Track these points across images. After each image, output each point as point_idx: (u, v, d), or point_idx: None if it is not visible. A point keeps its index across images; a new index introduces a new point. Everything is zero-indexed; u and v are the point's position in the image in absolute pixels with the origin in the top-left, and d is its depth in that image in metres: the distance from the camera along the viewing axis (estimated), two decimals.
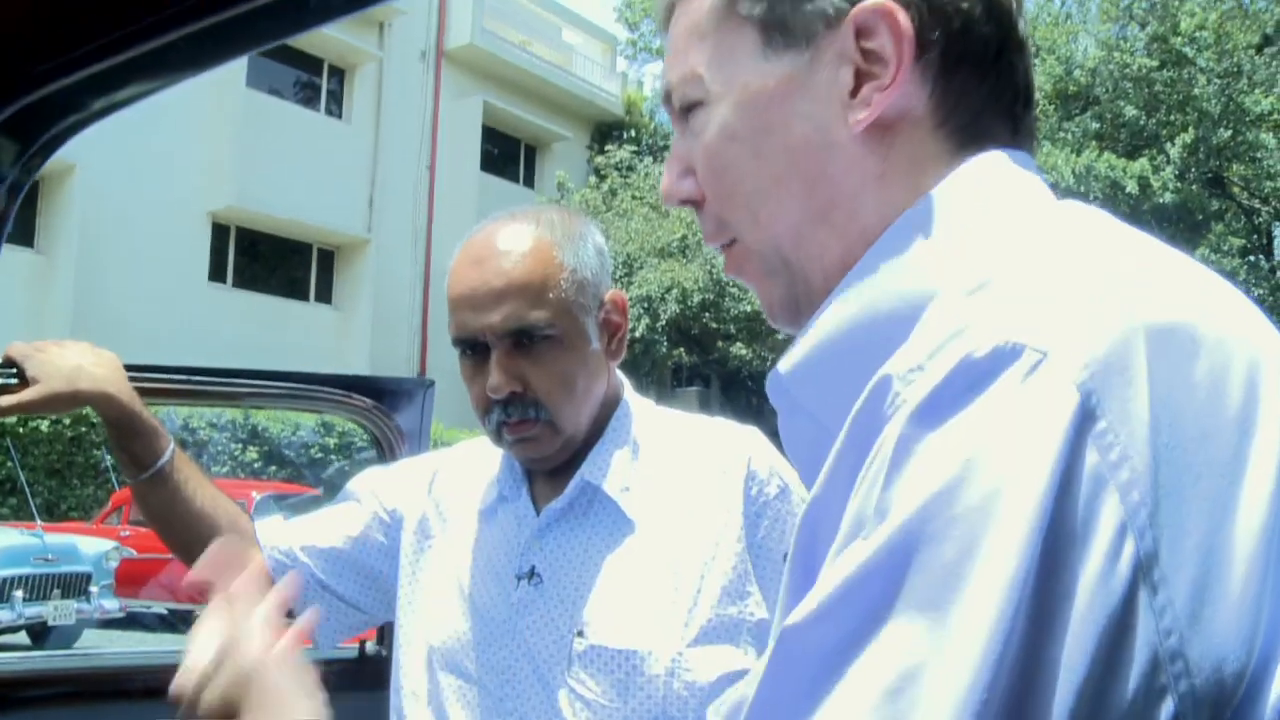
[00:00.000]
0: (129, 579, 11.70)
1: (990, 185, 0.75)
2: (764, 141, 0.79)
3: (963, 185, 0.75)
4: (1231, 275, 20.29)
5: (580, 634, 1.41)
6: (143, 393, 1.67)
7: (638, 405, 1.57)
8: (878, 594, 0.57)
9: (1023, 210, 0.74)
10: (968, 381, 0.59)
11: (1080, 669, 0.55)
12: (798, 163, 0.78)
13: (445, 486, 1.65)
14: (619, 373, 1.57)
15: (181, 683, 0.97)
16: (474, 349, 1.46)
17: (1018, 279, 0.64)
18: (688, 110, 0.84)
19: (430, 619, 1.56)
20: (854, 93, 0.76)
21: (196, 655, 0.97)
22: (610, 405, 1.54)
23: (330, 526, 1.69)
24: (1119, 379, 0.58)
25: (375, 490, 1.69)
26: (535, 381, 1.43)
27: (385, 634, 2.16)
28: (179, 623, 12.11)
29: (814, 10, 0.77)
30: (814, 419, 0.75)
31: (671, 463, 1.49)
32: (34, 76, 0.65)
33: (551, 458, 1.48)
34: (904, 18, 0.74)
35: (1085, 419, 0.57)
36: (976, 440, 0.57)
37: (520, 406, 1.44)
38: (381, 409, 2.03)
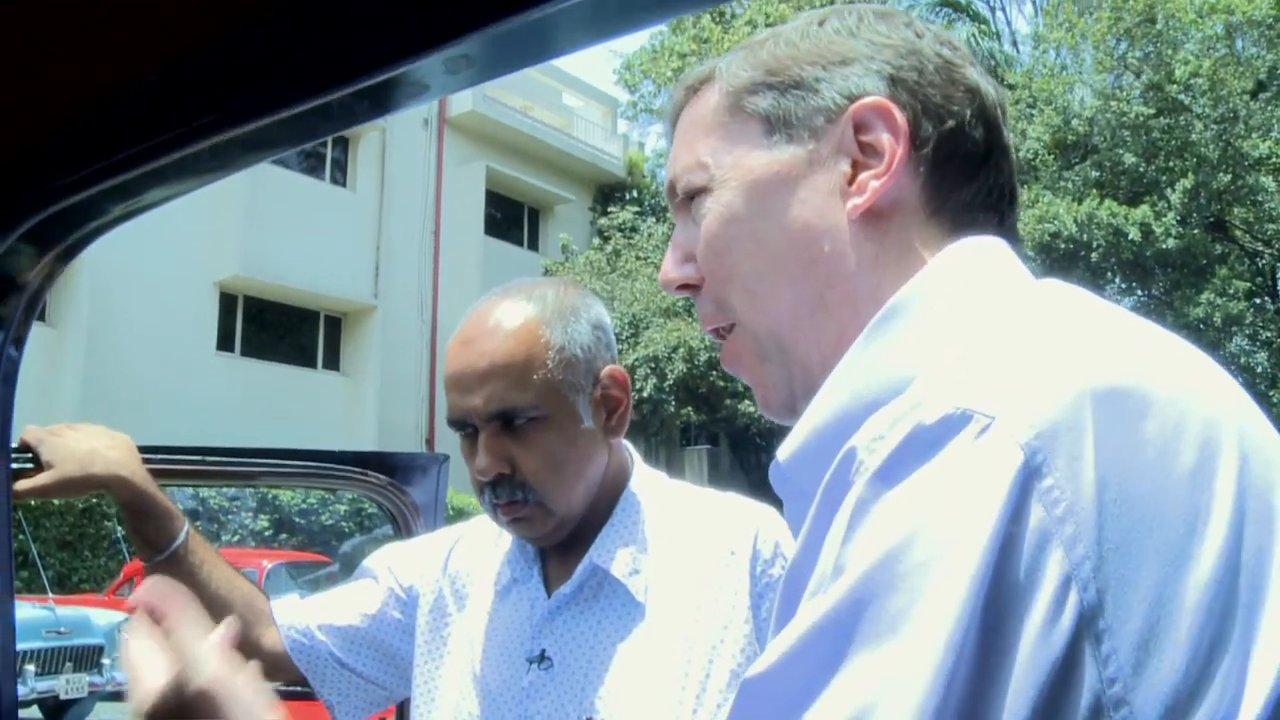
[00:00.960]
0: None
1: (970, 272, 0.79)
2: (765, 225, 0.83)
3: (943, 273, 0.79)
4: (1238, 319, 20.34)
5: None
6: (156, 474, 1.66)
7: (645, 486, 1.54)
8: (830, 646, 0.60)
9: (998, 293, 0.77)
10: (921, 446, 0.62)
11: (1022, 716, 0.57)
12: (796, 245, 0.83)
13: (461, 563, 1.64)
14: (628, 446, 1.56)
15: (141, 701, 0.89)
16: (466, 429, 1.45)
17: (978, 356, 0.68)
18: (691, 198, 0.88)
19: (444, 700, 1.55)
20: (851, 180, 0.81)
21: (148, 674, 0.90)
22: (617, 481, 1.52)
23: (347, 604, 1.68)
24: (1066, 438, 0.60)
25: (392, 567, 1.69)
26: (523, 463, 1.41)
27: (403, 711, 2.14)
28: None
29: (816, 106, 0.83)
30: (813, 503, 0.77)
31: (680, 545, 1.47)
32: (57, 189, 0.65)
33: (549, 536, 1.47)
34: (900, 115, 0.80)
35: (1030, 477, 0.59)
36: (925, 499, 0.60)
37: (508, 488, 1.42)
38: (396, 485, 2.03)
